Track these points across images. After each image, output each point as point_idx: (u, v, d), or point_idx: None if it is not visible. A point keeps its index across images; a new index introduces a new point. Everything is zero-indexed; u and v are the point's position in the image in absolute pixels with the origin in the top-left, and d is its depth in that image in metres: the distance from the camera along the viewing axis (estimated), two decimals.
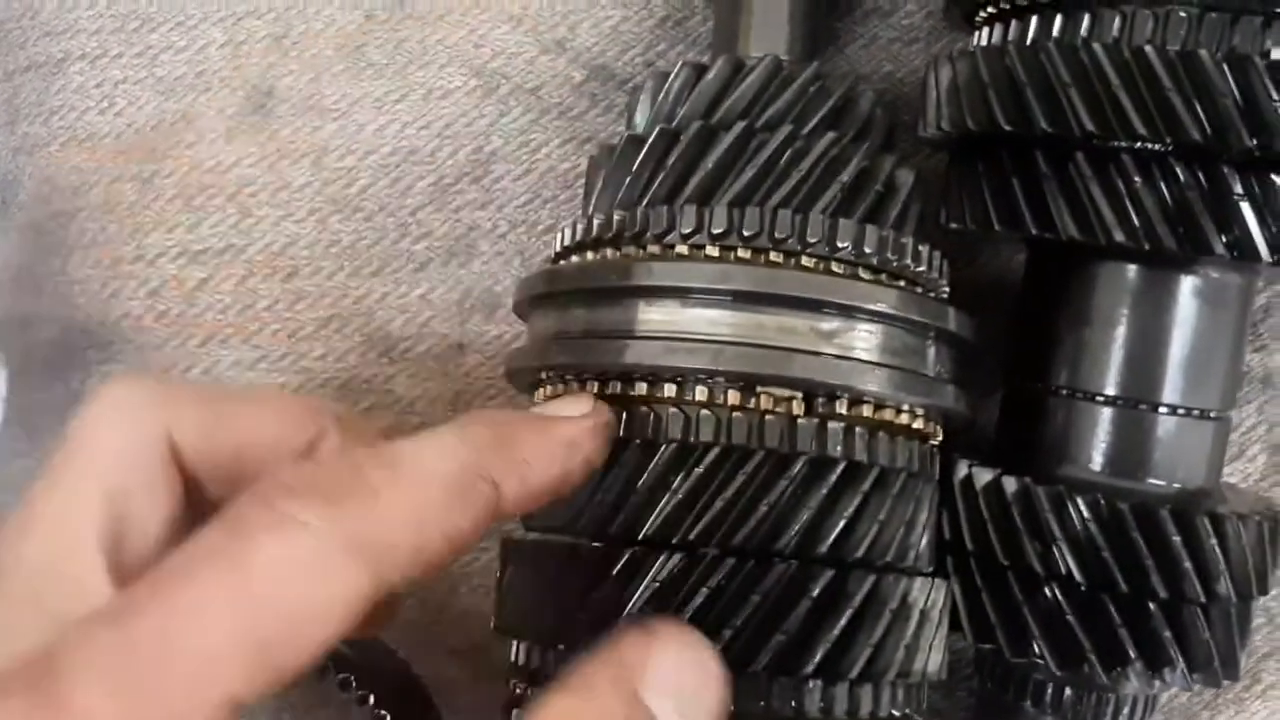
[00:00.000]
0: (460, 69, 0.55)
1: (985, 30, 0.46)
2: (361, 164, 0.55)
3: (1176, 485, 0.45)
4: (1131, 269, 0.44)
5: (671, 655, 0.34)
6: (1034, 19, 0.43)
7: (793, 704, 0.39)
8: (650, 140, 0.43)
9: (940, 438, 0.44)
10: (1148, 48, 0.40)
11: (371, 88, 0.56)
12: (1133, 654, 0.43)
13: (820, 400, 0.40)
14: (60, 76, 0.58)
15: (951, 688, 0.53)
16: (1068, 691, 0.46)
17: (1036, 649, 0.44)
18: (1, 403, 0.63)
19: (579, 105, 0.55)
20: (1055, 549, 0.43)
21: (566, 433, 0.38)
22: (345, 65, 0.56)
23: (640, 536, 0.40)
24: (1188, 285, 0.44)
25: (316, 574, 0.31)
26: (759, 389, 0.40)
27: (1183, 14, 0.40)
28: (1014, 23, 0.44)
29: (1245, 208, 0.41)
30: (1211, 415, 0.45)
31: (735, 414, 0.39)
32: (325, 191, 0.55)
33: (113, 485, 0.37)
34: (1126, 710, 0.46)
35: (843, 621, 0.39)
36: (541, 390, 0.44)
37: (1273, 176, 0.41)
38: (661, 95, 0.45)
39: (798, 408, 0.40)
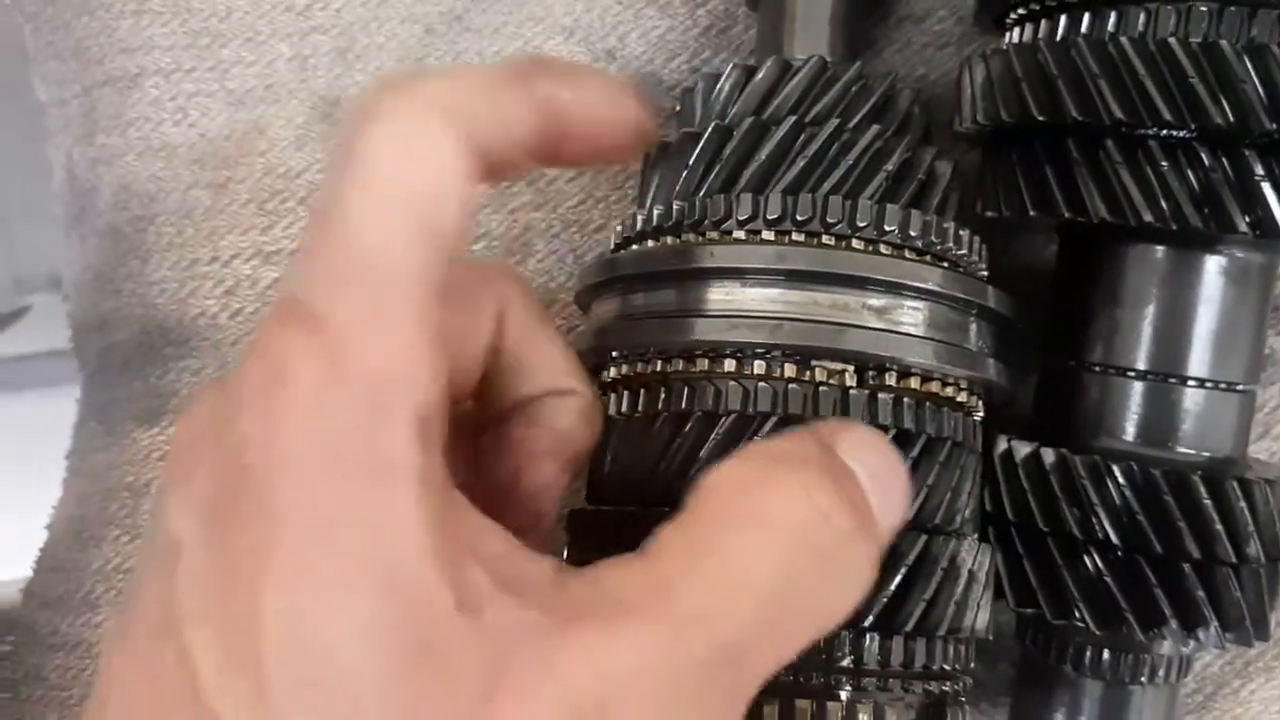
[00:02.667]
0: None
1: (1016, 30, 0.48)
2: None
3: (1206, 454, 0.47)
4: (1159, 250, 0.47)
5: (868, 437, 0.38)
6: (1063, 17, 0.46)
7: (852, 655, 0.41)
8: (706, 135, 0.46)
9: (982, 412, 0.47)
10: (1171, 40, 0.42)
11: None
12: (1168, 614, 0.46)
13: (871, 372, 0.43)
14: (136, 90, 0.61)
15: (994, 662, 0.55)
16: (1106, 653, 0.48)
17: (1077, 611, 0.47)
18: (76, 403, 0.66)
19: None
20: (1093, 515, 0.46)
21: (604, 74, 0.42)
22: None
23: None
24: (1213, 265, 0.47)
25: (424, 146, 0.35)
26: (814, 362, 0.42)
27: (1204, 8, 0.43)
28: (1044, 22, 0.47)
29: (1267, 188, 0.43)
30: (1238, 388, 0.48)
31: (791, 386, 0.42)
32: None
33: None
34: (1162, 671, 0.49)
35: (897, 578, 0.41)
36: (605, 373, 0.47)
37: None
38: (714, 95, 0.48)
39: (850, 379, 0.43)
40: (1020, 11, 0.48)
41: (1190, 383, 0.47)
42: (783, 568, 0.34)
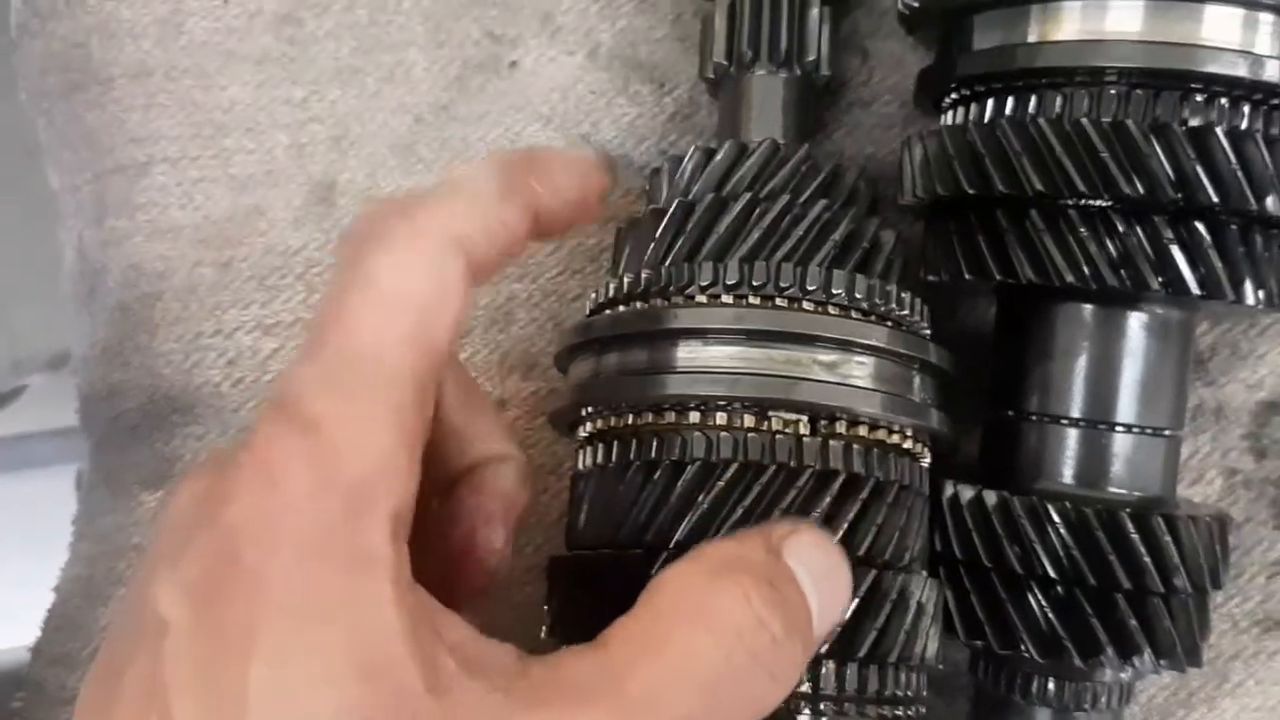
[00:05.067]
0: None
1: (950, 113, 0.54)
2: None
3: (1137, 493, 0.52)
4: (1086, 308, 0.52)
5: (812, 537, 0.42)
6: (990, 101, 0.51)
7: (809, 681, 0.45)
8: (670, 211, 0.51)
9: (928, 459, 0.51)
10: (1084, 120, 0.48)
11: (422, 180, 0.64)
12: (1105, 642, 0.50)
13: (823, 421, 0.47)
14: (145, 177, 0.66)
15: (952, 697, 0.59)
16: (1051, 682, 0.52)
17: (1021, 643, 0.50)
18: (73, 479, 0.69)
19: None
20: (1033, 552, 0.50)
21: (581, 155, 0.47)
22: (398, 161, 0.64)
23: (672, 543, 0.46)
24: (1135, 321, 0.52)
25: (426, 269, 0.39)
26: (770, 413, 0.47)
27: (1113, 91, 0.48)
28: (973, 105, 0.52)
29: (1176, 251, 0.48)
30: (1164, 433, 0.52)
31: (750, 434, 0.46)
32: None
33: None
34: (1104, 698, 0.52)
35: (850, 610, 0.45)
36: (581, 428, 0.51)
37: (1197, 224, 0.48)
38: (678, 174, 0.53)
39: (804, 428, 0.47)
40: (954, 96, 0.53)
41: (1119, 428, 0.52)
42: (722, 664, 0.38)
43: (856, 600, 0.45)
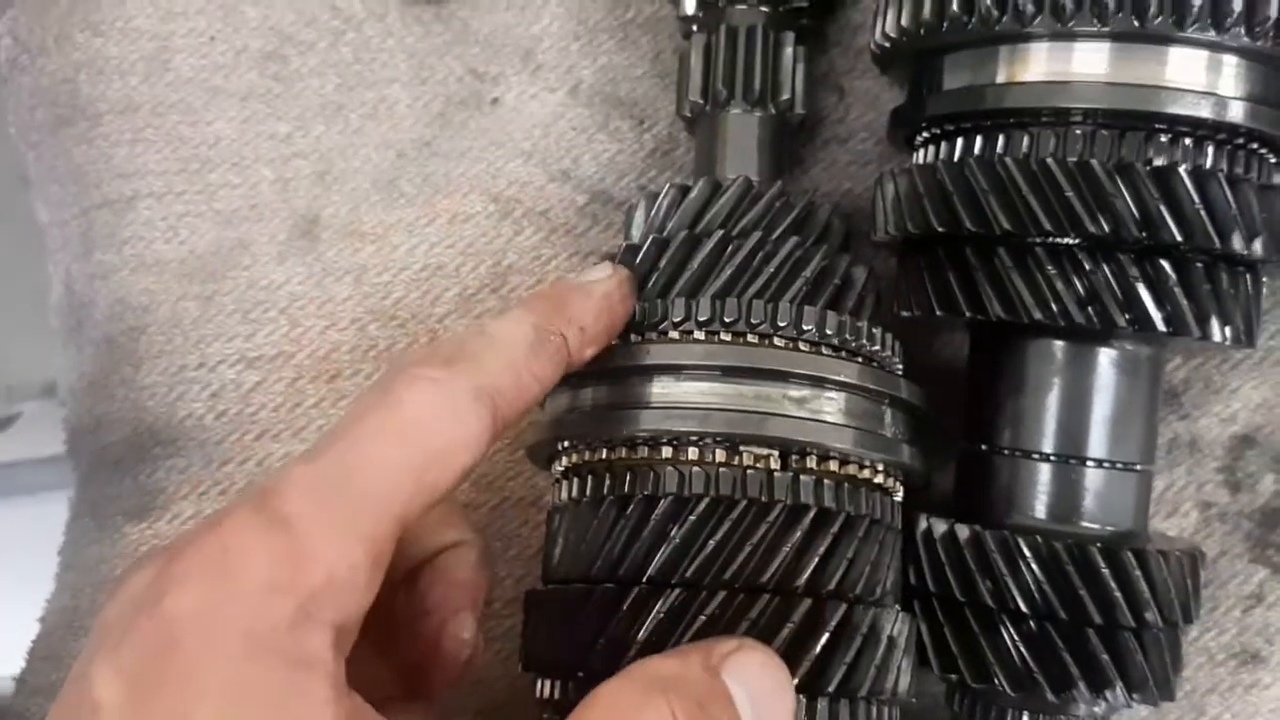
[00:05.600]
0: (480, 196, 0.64)
1: (921, 151, 0.54)
2: (396, 279, 0.64)
3: (1109, 528, 0.52)
4: (1056, 344, 0.52)
5: (757, 657, 0.43)
6: (959, 140, 0.52)
7: None
8: (645, 247, 0.51)
9: (900, 494, 0.52)
10: (1049, 160, 0.48)
11: (404, 214, 0.64)
12: (1076, 676, 0.50)
13: (794, 456, 0.48)
14: (131, 211, 0.67)
15: None
16: (1025, 716, 0.52)
17: (994, 676, 0.51)
18: (65, 507, 0.70)
19: (582, 224, 0.64)
20: (1005, 586, 0.50)
21: (602, 290, 0.48)
22: (380, 196, 0.65)
23: (645, 577, 0.46)
24: (1104, 357, 0.52)
25: (448, 414, 0.41)
26: (741, 448, 0.47)
27: (1078, 131, 0.49)
28: (944, 143, 0.53)
29: (1142, 289, 0.49)
30: (1135, 467, 0.53)
31: (722, 469, 0.47)
32: (365, 304, 0.64)
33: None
34: None
35: (820, 644, 0.45)
36: (557, 462, 0.52)
37: (1163, 262, 0.49)
38: (653, 211, 0.54)
39: (775, 463, 0.47)
40: (925, 134, 0.54)
41: (1090, 463, 0.52)
42: None
43: (827, 634, 0.46)
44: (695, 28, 0.58)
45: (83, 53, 0.67)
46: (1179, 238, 0.47)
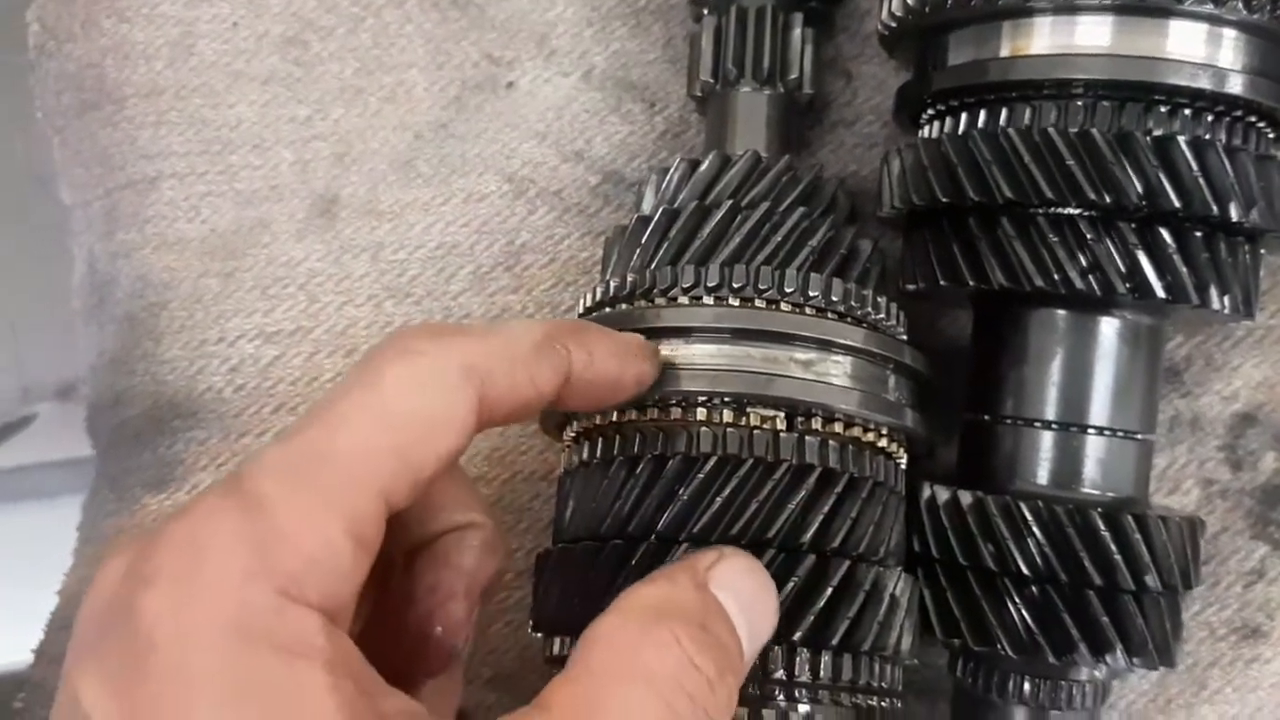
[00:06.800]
0: (495, 176, 0.66)
1: (927, 127, 0.56)
2: (412, 257, 0.65)
3: (1109, 494, 0.53)
4: (1058, 313, 0.53)
5: (739, 562, 0.43)
6: (963, 114, 0.53)
7: (785, 668, 0.46)
8: (655, 218, 0.53)
9: (904, 459, 0.53)
10: (1051, 130, 0.49)
11: (420, 194, 0.66)
12: (1077, 639, 0.51)
13: (799, 418, 0.49)
14: (154, 192, 0.68)
15: (934, 700, 0.60)
16: (1027, 681, 0.53)
17: (996, 639, 0.52)
18: (78, 511, 0.70)
19: (595, 204, 0.65)
20: (1007, 550, 0.51)
21: (626, 339, 0.47)
22: (398, 176, 0.66)
23: (654, 534, 0.47)
24: (1106, 326, 0.53)
25: (434, 388, 0.39)
26: (748, 408, 0.48)
27: (1079, 103, 0.50)
28: (948, 119, 0.54)
29: (1142, 256, 0.50)
30: (1136, 436, 0.54)
31: (729, 429, 0.48)
32: (381, 280, 0.65)
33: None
34: (1080, 697, 0.53)
35: (824, 598, 0.46)
36: (568, 428, 0.53)
37: (1162, 231, 0.50)
38: (664, 185, 0.55)
39: (781, 423, 0.48)
40: (930, 111, 0.55)
41: (1090, 431, 0.53)
42: (662, 713, 0.39)
43: (830, 589, 0.46)
44: (706, 10, 0.60)
45: (109, 38, 0.69)
46: (1178, 205, 0.48)
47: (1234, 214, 0.49)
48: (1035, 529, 0.51)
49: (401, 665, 0.44)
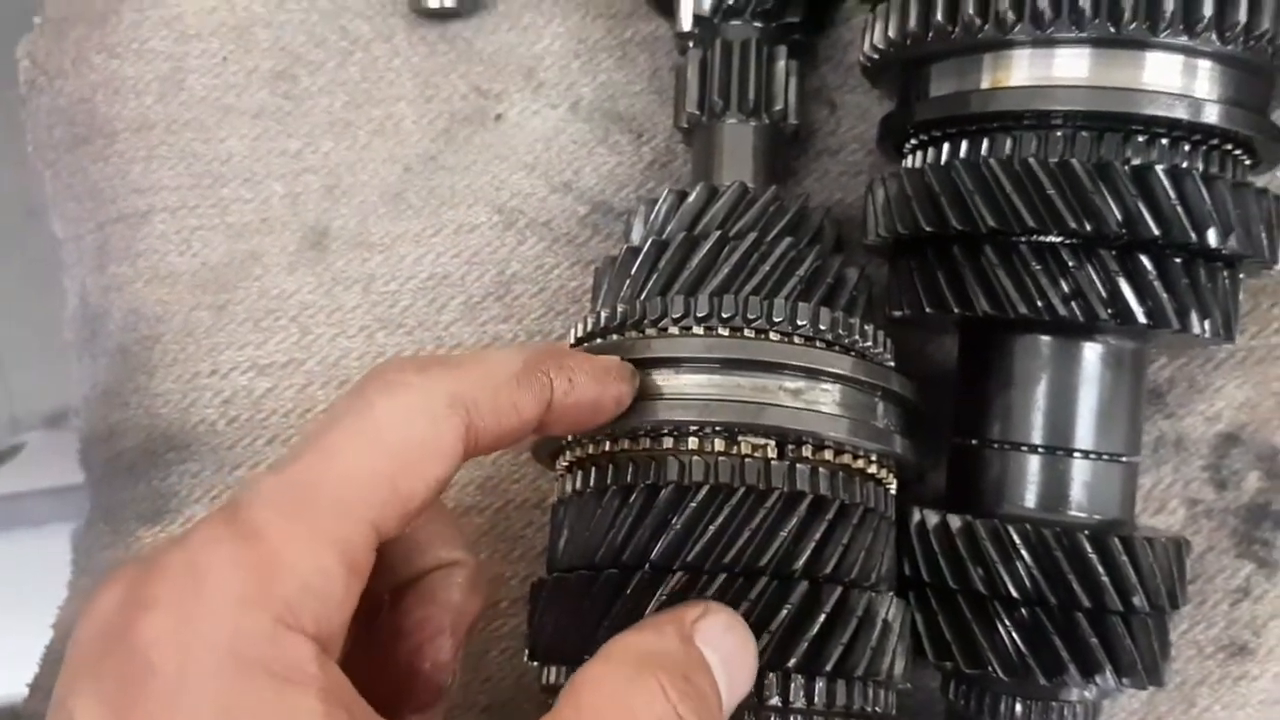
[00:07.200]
0: (484, 208, 0.66)
1: (910, 157, 0.57)
2: (403, 288, 0.66)
3: (1096, 517, 0.54)
4: (1042, 339, 0.54)
5: (722, 619, 0.44)
6: (946, 144, 0.54)
7: (779, 694, 0.46)
8: (644, 249, 0.53)
9: (894, 485, 0.53)
10: (1032, 160, 0.50)
11: (411, 225, 0.67)
12: (1068, 660, 0.51)
13: (790, 446, 0.49)
14: (146, 225, 0.69)
15: None
16: (1018, 703, 0.53)
17: (987, 661, 0.52)
18: (71, 535, 0.71)
19: (584, 234, 0.66)
20: (996, 574, 0.52)
21: (605, 362, 0.48)
22: (388, 208, 0.67)
23: (648, 563, 0.48)
24: (1089, 351, 0.54)
25: (423, 418, 0.40)
26: (739, 437, 0.49)
27: (1059, 133, 0.51)
28: (931, 149, 0.55)
29: (1123, 282, 0.51)
30: (1121, 459, 0.54)
31: (720, 458, 0.49)
32: (373, 312, 0.66)
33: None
34: (1070, 717, 0.54)
35: (817, 625, 0.47)
36: (561, 457, 0.54)
37: (1142, 258, 0.51)
38: (652, 215, 0.56)
39: (772, 452, 0.49)
40: (913, 141, 0.56)
41: (1077, 454, 0.54)
42: None
43: (823, 615, 0.47)
44: (691, 43, 0.61)
45: (99, 74, 0.70)
46: (1157, 232, 0.49)
47: (1212, 240, 0.50)
48: (1024, 552, 0.52)
49: (388, 700, 0.45)
